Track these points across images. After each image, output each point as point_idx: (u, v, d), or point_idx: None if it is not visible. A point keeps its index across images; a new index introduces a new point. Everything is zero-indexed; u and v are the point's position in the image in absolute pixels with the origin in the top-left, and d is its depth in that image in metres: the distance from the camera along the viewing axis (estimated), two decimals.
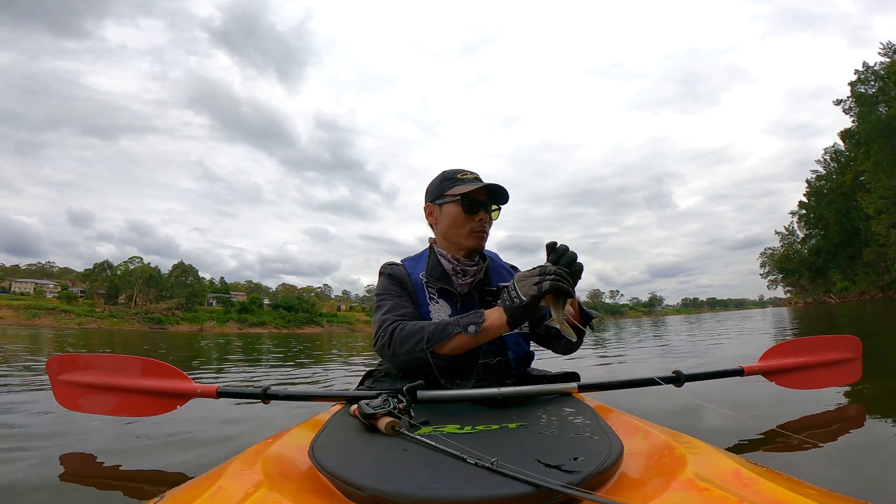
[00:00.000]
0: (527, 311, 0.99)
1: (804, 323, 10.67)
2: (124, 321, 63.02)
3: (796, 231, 55.07)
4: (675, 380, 1.33)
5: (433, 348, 1.04)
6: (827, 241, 47.57)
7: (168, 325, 64.68)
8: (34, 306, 61.29)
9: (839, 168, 45.97)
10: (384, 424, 0.77)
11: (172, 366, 1.44)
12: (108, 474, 1.43)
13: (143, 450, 1.66)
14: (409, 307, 1.20)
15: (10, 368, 4.87)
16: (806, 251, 52.55)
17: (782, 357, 1.61)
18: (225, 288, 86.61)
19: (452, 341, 1.04)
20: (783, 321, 12.55)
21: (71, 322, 58.47)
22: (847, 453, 1.47)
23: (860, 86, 38.34)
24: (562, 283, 0.95)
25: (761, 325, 11.14)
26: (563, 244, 1.02)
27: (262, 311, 77.30)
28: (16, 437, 1.86)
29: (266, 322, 72.70)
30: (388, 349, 1.10)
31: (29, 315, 58.10)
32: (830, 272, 49.50)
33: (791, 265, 54.10)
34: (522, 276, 0.99)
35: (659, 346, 6.88)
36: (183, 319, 68.03)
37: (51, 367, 1.50)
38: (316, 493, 0.60)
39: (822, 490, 0.58)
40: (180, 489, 0.70)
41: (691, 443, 0.73)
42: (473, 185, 1.21)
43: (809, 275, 52.12)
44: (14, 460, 1.53)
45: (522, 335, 1.26)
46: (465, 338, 1.03)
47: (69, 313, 61.71)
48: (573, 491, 0.51)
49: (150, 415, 1.44)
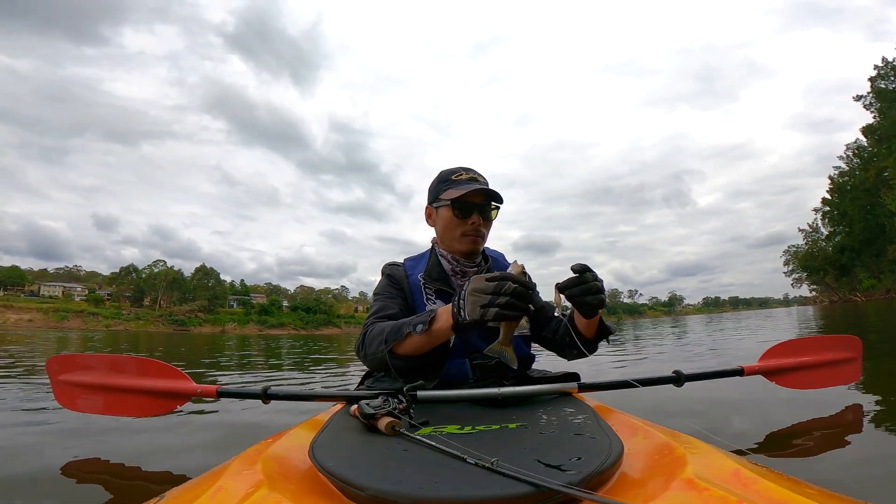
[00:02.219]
0: (474, 327, 0.90)
1: (829, 322, 10.21)
2: (149, 323, 64.82)
3: (820, 228, 53.95)
4: (675, 380, 1.33)
5: (391, 348, 1.01)
6: (851, 238, 46.50)
7: (191, 326, 66.40)
8: (63, 309, 62.94)
9: (862, 164, 45.10)
10: (384, 424, 0.77)
11: (172, 366, 1.44)
12: (107, 474, 1.43)
13: (142, 449, 1.66)
14: (395, 308, 1.19)
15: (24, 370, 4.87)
16: (830, 249, 51.38)
17: (782, 357, 1.61)
18: (245, 290, 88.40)
19: (407, 341, 0.99)
20: (808, 320, 12.23)
21: (98, 324, 60.18)
22: (847, 453, 1.47)
23: (880, 81, 37.84)
24: (510, 312, 0.84)
25: (782, 323, 10.91)
26: (590, 271, 0.98)
27: (282, 313, 78.89)
28: (16, 436, 1.87)
29: (285, 323, 74.21)
30: (360, 350, 1.10)
31: (57, 317, 59.56)
32: (856, 270, 48.54)
33: (815, 263, 52.98)
34: (477, 287, 0.88)
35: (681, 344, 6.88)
36: (205, 321, 69.91)
37: (51, 367, 1.50)
38: (316, 493, 0.60)
39: (822, 490, 0.58)
40: (180, 489, 0.70)
41: (691, 443, 0.73)
42: (464, 189, 1.18)
43: (834, 273, 50.99)
44: (15, 459, 1.53)
45: (523, 337, 1.25)
46: (418, 338, 0.97)
47: (97, 316, 63.57)
48: (573, 491, 0.51)
49: (150, 415, 1.44)
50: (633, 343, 7.53)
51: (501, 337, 0.91)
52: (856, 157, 46.95)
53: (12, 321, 56.02)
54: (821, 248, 53.76)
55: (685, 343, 6.49)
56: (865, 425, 1.75)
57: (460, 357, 1.18)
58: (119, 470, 1.47)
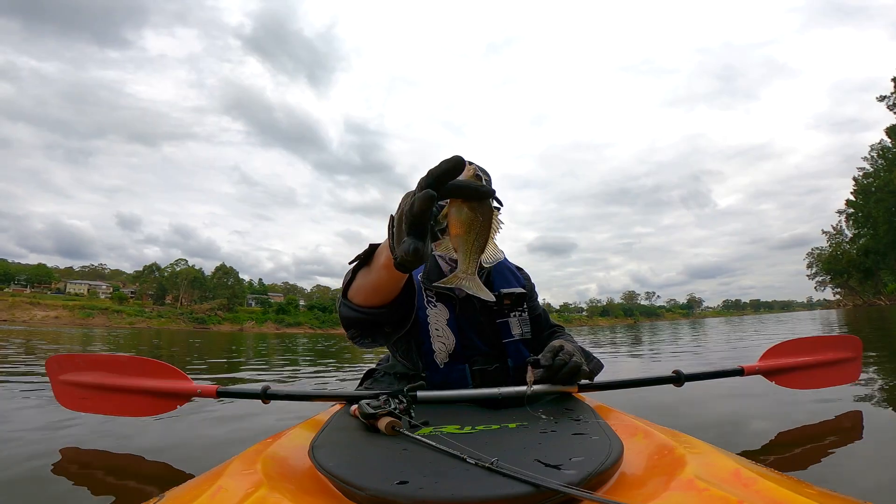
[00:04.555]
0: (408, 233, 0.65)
1: (853, 327, 9.79)
2: (171, 321, 66.17)
3: (844, 230, 53.11)
4: (675, 380, 1.33)
5: (346, 296, 0.93)
6: (876, 240, 45.87)
7: (211, 325, 67.79)
8: (88, 306, 64.58)
9: (886, 165, 44.48)
10: (384, 425, 0.77)
11: (172, 365, 1.44)
12: (107, 474, 1.43)
13: (142, 449, 1.66)
14: None
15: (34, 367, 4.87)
16: (854, 251, 50.63)
17: (782, 357, 1.61)
18: (263, 289, 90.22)
19: (356, 282, 0.90)
20: (831, 323, 11.93)
21: (122, 321, 61.53)
22: (847, 453, 1.47)
23: None
24: (426, 198, 0.61)
25: (804, 328, 10.67)
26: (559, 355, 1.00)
27: (298, 312, 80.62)
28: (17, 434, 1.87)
29: (302, 322, 75.75)
30: (340, 308, 0.97)
31: (83, 315, 61.04)
32: (880, 273, 47.88)
33: (839, 266, 52.19)
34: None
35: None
36: (224, 319, 71.60)
37: (51, 367, 1.50)
38: (316, 493, 0.60)
39: (821, 490, 0.58)
40: (180, 489, 0.70)
41: (691, 443, 0.73)
42: None
43: (858, 276, 50.24)
44: (14, 458, 1.53)
45: (524, 341, 1.24)
46: (364, 273, 0.87)
47: (121, 313, 65.08)
48: (573, 491, 0.51)
49: (150, 414, 1.44)
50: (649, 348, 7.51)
51: (460, 262, 0.70)
52: (880, 158, 46.23)
53: (39, 318, 57.30)
54: (844, 250, 52.79)
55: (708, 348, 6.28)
56: (866, 425, 1.75)
57: (460, 363, 1.18)
58: (118, 470, 1.47)
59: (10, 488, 1.30)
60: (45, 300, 64.62)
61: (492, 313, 1.24)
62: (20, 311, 58.64)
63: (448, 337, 1.18)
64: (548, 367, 0.99)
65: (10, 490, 1.29)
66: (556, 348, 1.03)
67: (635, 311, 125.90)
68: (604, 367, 1.19)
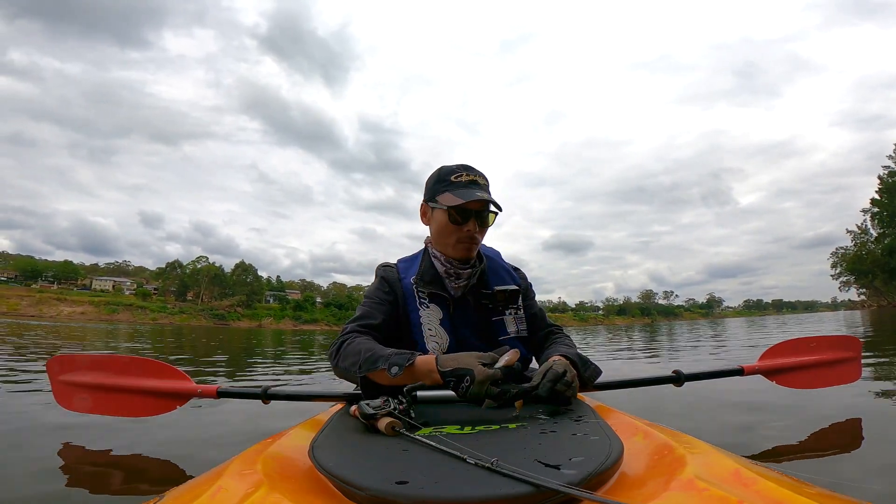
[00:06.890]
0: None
1: (876, 328, 9.46)
2: (192, 317, 67.39)
3: (869, 229, 51.37)
4: (675, 379, 1.33)
5: (365, 374, 1.01)
6: None
7: (230, 321, 68.79)
8: (113, 302, 65.67)
9: None
10: (384, 425, 0.77)
11: (172, 366, 1.44)
12: (107, 474, 1.43)
13: (142, 450, 1.65)
14: (379, 318, 1.17)
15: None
16: (879, 251, 48.76)
17: (782, 356, 1.61)
18: (281, 286, 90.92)
19: (379, 374, 0.99)
20: (855, 325, 11.54)
21: (146, 317, 62.90)
22: (847, 453, 1.47)
23: None
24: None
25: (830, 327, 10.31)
26: (561, 380, 0.94)
27: (315, 309, 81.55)
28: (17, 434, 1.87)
29: (319, 319, 76.55)
30: (333, 359, 1.10)
31: (108, 311, 62.21)
32: None
33: (864, 266, 50.60)
34: (484, 377, 0.88)
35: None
36: (243, 316, 72.75)
37: (51, 368, 1.50)
38: (316, 494, 0.60)
39: (821, 490, 0.58)
40: (180, 489, 0.70)
41: (691, 443, 0.73)
42: (463, 198, 1.13)
43: (884, 276, 48.61)
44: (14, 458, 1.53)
45: (521, 339, 1.24)
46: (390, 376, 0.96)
47: (144, 309, 66.31)
48: (573, 491, 0.51)
49: (150, 415, 1.44)
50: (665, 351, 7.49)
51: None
52: None
53: (66, 314, 58.19)
54: (869, 250, 51.18)
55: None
56: (867, 426, 1.75)
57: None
58: (118, 469, 1.47)
59: (10, 488, 1.30)
60: (71, 296, 65.51)
61: (487, 312, 1.23)
62: (47, 307, 59.49)
63: (442, 336, 1.18)
64: (546, 398, 0.92)
65: (10, 490, 1.29)
66: (557, 375, 0.93)
67: (653, 310, 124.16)
68: (602, 374, 1.17)
